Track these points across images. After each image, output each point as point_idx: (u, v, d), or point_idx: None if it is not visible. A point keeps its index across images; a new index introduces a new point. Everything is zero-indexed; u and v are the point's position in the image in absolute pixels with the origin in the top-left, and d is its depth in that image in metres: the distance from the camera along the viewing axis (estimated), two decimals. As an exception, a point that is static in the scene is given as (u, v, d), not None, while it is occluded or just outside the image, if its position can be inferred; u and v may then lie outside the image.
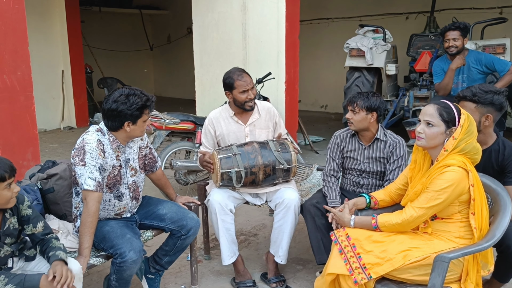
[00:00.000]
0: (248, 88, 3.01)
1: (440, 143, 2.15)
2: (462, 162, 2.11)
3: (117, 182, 2.46)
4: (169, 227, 2.63)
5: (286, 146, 2.94)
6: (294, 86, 5.78)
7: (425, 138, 2.18)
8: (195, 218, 2.69)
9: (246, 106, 3.05)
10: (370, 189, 2.96)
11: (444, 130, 2.13)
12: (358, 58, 5.94)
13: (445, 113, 2.13)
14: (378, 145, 2.90)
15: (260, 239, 3.79)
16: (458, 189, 2.08)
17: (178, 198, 2.87)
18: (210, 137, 3.18)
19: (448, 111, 2.13)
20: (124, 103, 2.32)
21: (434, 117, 2.15)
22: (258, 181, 2.86)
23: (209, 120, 3.19)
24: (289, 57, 5.60)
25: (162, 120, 4.47)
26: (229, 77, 3.06)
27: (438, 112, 2.14)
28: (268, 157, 2.86)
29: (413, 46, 6.56)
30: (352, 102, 2.85)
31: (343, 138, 3.00)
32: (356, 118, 2.83)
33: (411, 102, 5.93)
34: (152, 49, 12.81)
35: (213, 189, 2.98)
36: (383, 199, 2.51)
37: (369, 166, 2.91)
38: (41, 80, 8.33)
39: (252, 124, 3.14)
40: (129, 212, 2.59)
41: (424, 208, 2.13)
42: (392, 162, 2.86)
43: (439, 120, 2.14)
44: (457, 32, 4.30)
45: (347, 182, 3.04)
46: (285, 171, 2.90)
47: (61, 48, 8.58)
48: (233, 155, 2.83)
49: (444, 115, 2.13)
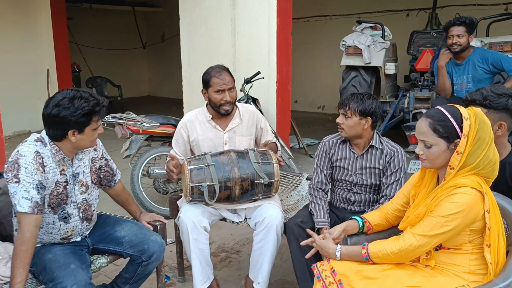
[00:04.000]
0: (224, 88, 2.64)
1: (447, 161, 1.77)
2: (476, 182, 1.72)
3: (62, 201, 2.08)
4: (127, 252, 2.26)
5: (268, 157, 2.56)
6: (286, 86, 5.40)
7: (427, 159, 1.80)
8: (159, 241, 2.31)
9: (221, 109, 2.68)
10: (363, 206, 2.58)
11: (446, 147, 1.75)
12: (355, 57, 5.55)
13: (440, 128, 1.74)
14: (373, 154, 2.52)
15: (244, 257, 3.41)
16: (470, 215, 1.70)
17: (143, 216, 2.49)
18: (182, 142, 2.81)
19: (443, 124, 1.74)
20: (67, 108, 1.94)
21: (428, 136, 1.77)
22: (234, 196, 2.48)
23: (183, 123, 2.81)
24: (281, 55, 5.22)
25: (139, 123, 4.09)
26: (207, 73, 2.72)
27: (431, 128, 1.76)
28: (247, 170, 2.48)
29: (413, 44, 6.17)
30: (344, 105, 2.47)
31: (333, 145, 2.62)
32: (347, 123, 2.45)
33: (411, 104, 5.54)
34: (145, 47, 12.42)
35: (184, 204, 2.61)
36: (378, 222, 2.12)
37: (361, 178, 2.53)
38: (25, 80, 7.99)
39: (231, 130, 2.76)
40: (79, 235, 2.21)
41: (427, 236, 1.75)
42: (389, 174, 2.48)
43: (435, 137, 1.76)
44: (462, 28, 3.92)
45: (336, 197, 2.65)
46: (266, 186, 2.52)
47: (46, 46, 8.22)
48: (205, 166, 2.45)
49: (440, 130, 1.74)
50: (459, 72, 4.10)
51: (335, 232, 2.05)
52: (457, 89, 4.13)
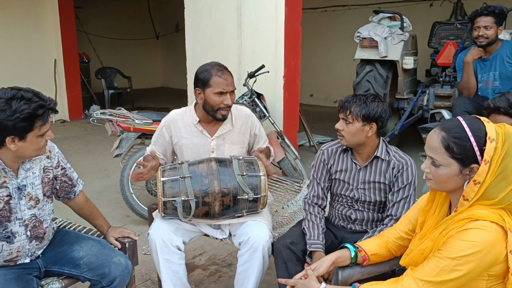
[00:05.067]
0: (227, 90, 2.29)
1: (458, 187, 1.40)
2: (498, 214, 1.35)
3: (4, 219, 1.78)
4: (85, 276, 1.96)
5: (255, 168, 2.21)
6: (295, 81, 5.02)
7: (434, 180, 1.44)
8: (123, 263, 2.00)
9: (218, 114, 2.34)
10: (365, 225, 2.23)
11: (458, 171, 1.38)
12: (370, 49, 5.12)
13: (455, 146, 1.37)
14: (378, 166, 2.15)
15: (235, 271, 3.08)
16: (488, 257, 1.33)
17: (111, 231, 2.18)
18: (162, 142, 2.50)
19: (459, 142, 1.36)
20: (2, 111, 1.63)
21: (438, 153, 1.40)
22: (213, 213, 2.15)
23: (166, 122, 2.49)
24: (289, 48, 4.83)
25: (130, 120, 3.79)
26: (205, 70, 2.33)
27: (443, 145, 1.39)
28: (228, 183, 2.13)
29: (435, 36, 5.69)
30: (344, 108, 2.10)
31: (332, 154, 2.26)
32: (348, 129, 2.08)
33: (431, 101, 5.08)
34: (158, 37, 12.13)
35: (157, 218, 2.29)
36: (376, 252, 1.76)
37: (364, 194, 2.17)
38: (31, 70, 7.79)
39: (221, 137, 2.42)
40: (27, 256, 1.91)
41: (432, 282, 1.38)
42: (396, 191, 2.11)
43: (446, 157, 1.39)
44: (490, 19, 3.48)
45: (335, 214, 2.30)
46: (251, 202, 2.18)
47: (53, 36, 8.00)
48: (181, 178, 2.12)
49: (454, 150, 1.37)
50: (484, 68, 3.67)
51: (321, 268, 1.69)
52: (482, 87, 3.70)
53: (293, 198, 3.00)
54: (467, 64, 3.60)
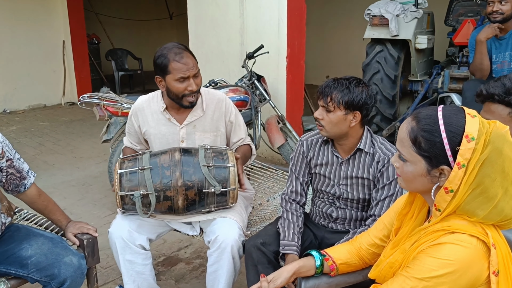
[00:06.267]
0: (189, 74, 2.05)
1: (428, 189, 1.16)
2: (480, 227, 1.11)
3: None
4: (33, 277, 1.80)
5: (223, 158, 1.99)
6: (299, 62, 4.74)
7: (401, 176, 1.20)
8: (75, 263, 1.83)
9: (184, 101, 2.11)
10: (348, 224, 2.00)
11: (426, 171, 1.14)
12: (380, 28, 4.77)
13: (422, 141, 1.12)
14: (361, 159, 1.90)
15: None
16: (465, 279, 1.09)
17: (70, 227, 2.01)
18: (133, 132, 2.31)
19: (428, 136, 1.12)
20: None
21: (405, 145, 1.16)
22: (177, 208, 1.95)
23: (134, 109, 2.29)
24: (292, 26, 4.55)
25: (119, 104, 3.61)
26: (162, 56, 2.07)
27: (410, 137, 1.14)
28: (192, 175, 1.92)
29: (453, 13, 5.27)
30: (324, 94, 1.85)
31: (311, 145, 2.02)
32: (329, 118, 1.84)
33: (446, 84, 4.73)
34: (171, 18, 11.89)
35: (118, 215, 2.10)
36: (346, 260, 1.53)
37: (346, 190, 1.94)
38: (39, 51, 7.71)
39: (191, 125, 2.20)
40: (-32, 255, 1.76)
41: (394, 307, 1.15)
42: (381, 187, 1.86)
43: (412, 151, 1.14)
44: (506, -8, 3.13)
45: (316, 211, 2.07)
46: (219, 196, 1.96)
47: (61, 16, 7.88)
48: (140, 170, 1.92)
49: (422, 144, 1.13)
50: (500, 48, 3.32)
51: (279, 279, 1.46)
52: (497, 68, 3.35)
53: (281, 189, 2.78)
54: (480, 43, 3.26)
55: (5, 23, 7.23)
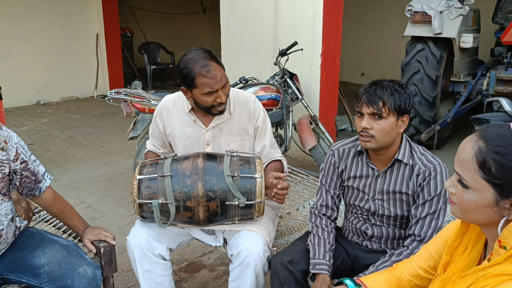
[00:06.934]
0: (217, 87, 1.88)
1: (492, 222, 0.97)
2: None
3: None
4: (45, 287, 1.69)
5: (250, 168, 1.83)
6: (334, 60, 4.53)
7: (458, 205, 1.02)
8: (89, 274, 1.71)
9: (213, 111, 1.96)
10: (385, 243, 1.81)
11: (493, 202, 0.95)
12: (422, 25, 4.50)
13: (493, 165, 0.93)
14: (399, 172, 1.71)
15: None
16: None
17: (87, 233, 1.90)
18: (158, 133, 2.17)
19: (502, 161, 0.93)
20: None
21: (469, 169, 0.97)
22: (197, 220, 1.81)
23: (159, 109, 2.15)
24: (328, 23, 4.34)
25: (146, 101, 3.51)
26: (186, 68, 1.87)
27: (477, 160, 0.96)
28: (215, 185, 1.77)
29: (502, 10, 4.94)
30: (372, 100, 1.62)
31: (343, 156, 1.84)
32: (381, 127, 1.62)
33: (491, 86, 4.42)
34: (205, 12, 11.81)
35: (137, 221, 1.98)
36: (383, 291, 1.35)
37: (382, 206, 1.75)
38: (73, 44, 7.77)
39: (217, 127, 2.05)
40: (-22, 262, 1.67)
41: None
42: (421, 204, 1.67)
43: (478, 177, 0.96)
44: None
45: (349, 227, 1.89)
46: (244, 209, 1.81)
47: (95, 9, 7.91)
48: (159, 177, 1.79)
49: (492, 170, 0.94)
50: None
51: None
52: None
53: (311, 197, 2.60)
54: None
55: (41, 16, 7.30)
